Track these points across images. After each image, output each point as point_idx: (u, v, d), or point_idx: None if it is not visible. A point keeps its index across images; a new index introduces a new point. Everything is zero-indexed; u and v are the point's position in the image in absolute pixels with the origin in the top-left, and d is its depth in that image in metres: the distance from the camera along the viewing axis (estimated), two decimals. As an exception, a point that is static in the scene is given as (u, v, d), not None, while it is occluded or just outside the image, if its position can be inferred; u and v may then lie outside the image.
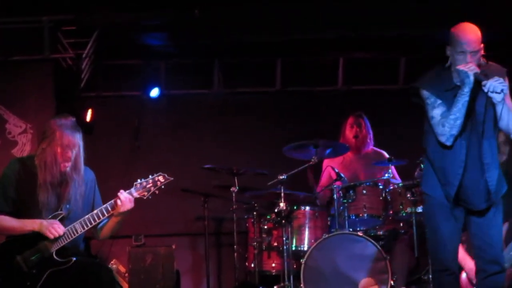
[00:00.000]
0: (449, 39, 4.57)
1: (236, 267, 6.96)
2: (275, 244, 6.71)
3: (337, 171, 6.70)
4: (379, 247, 6.17)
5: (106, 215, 4.75)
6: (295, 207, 6.68)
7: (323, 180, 7.17)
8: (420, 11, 7.34)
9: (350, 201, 6.57)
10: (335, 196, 6.55)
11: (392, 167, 6.76)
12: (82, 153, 4.81)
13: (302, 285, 6.15)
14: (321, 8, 7.40)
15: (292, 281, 6.39)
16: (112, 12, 7.34)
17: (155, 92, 8.19)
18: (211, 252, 7.88)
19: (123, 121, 8.30)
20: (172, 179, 4.91)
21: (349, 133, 7.29)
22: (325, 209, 6.83)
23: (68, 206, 4.76)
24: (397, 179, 6.89)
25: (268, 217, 6.78)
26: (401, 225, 6.73)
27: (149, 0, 7.25)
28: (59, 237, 4.65)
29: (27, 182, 4.74)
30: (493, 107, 4.51)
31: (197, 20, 7.26)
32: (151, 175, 4.91)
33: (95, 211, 4.75)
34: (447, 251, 4.65)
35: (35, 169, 4.75)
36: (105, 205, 4.78)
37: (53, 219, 4.70)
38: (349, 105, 7.89)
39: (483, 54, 4.57)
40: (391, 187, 6.61)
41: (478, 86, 4.45)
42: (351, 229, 6.48)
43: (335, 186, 6.60)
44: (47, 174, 4.71)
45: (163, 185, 4.89)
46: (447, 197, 4.60)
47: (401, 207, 6.50)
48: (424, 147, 4.77)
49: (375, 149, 7.35)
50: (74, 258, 4.67)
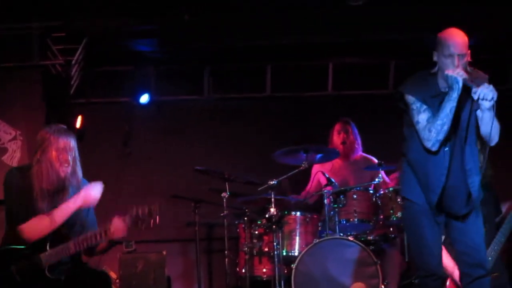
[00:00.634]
0: (436, 44, 4.57)
1: (227, 272, 6.94)
2: (266, 249, 6.71)
3: (327, 176, 6.70)
4: (370, 252, 6.17)
5: (99, 239, 4.65)
6: (286, 213, 6.67)
7: (313, 185, 7.17)
8: (409, 15, 7.36)
9: (340, 206, 6.57)
10: (326, 201, 6.56)
11: (382, 172, 6.78)
12: (78, 157, 4.76)
13: (293, 290, 6.16)
14: (310, 13, 7.41)
15: (283, 286, 6.37)
16: (101, 18, 7.34)
17: (145, 98, 8.18)
18: (202, 257, 7.87)
19: (113, 128, 8.29)
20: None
21: (337, 139, 7.28)
22: (315, 214, 6.84)
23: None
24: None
25: (259, 222, 6.77)
26: (392, 229, 6.73)
27: (138, 6, 7.24)
28: (54, 250, 4.60)
29: (26, 192, 4.66)
30: (475, 114, 4.51)
31: (187, 25, 7.27)
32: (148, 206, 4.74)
33: (89, 233, 4.65)
34: (433, 256, 4.65)
35: (32, 179, 4.66)
36: (99, 230, 4.67)
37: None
38: (339, 110, 7.91)
39: (469, 60, 4.56)
40: (382, 192, 6.62)
41: (463, 91, 4.44)
42: (341, 234, 6.48)
43: (326, 191, 6.61)
44: (44, 182, 4.65)
45: (157, 215, 4.73)
46: (429, 203, 4.60)
47: (391, 211, 6.52)
48: (403, 152, 4.76)
49: (364, 155, 7.34)
50: (63, 277, 4.62)
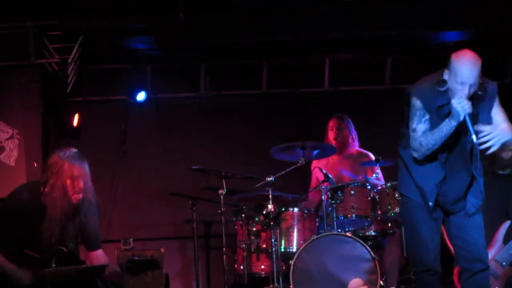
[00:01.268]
0: (449, 65, 4.47)
1: (225, 269, 6.93)
2: (264, 246, 6.70)
3: (324, 172, 6.70)
4: (368, 248, 6.16)
5: (96, 275, 4.71)
6: (283, 209, 6.66)
7: (313, 182, 7.19)
8: (405, 11, 7.36)
9: (338, 202, 6.56)
10: (323, 197, 6.56)
11: (378, 168, 6.78)
12: (90, 181, 4.73)
13: (291, 286, 6.13)
14: (306, 9, 7.41)
15: (281, 283, 6.36)
16: (97, 16, 7.33)
17: (141, 96, 8.18)
18: (200, 255, 7.86)
19: (110, 126, 8.29)
20: None
21: (330, 135, 7.26)
22: (313, 210, 6.84)
23: (71, 244, 4.76)
24: (381, 181, 6.89)
25: (256, 219, 6.77)
26: (390, 225, 6.73)
27: (134, 4, 7.24)
28: (38, 271, 4.60)
29: (32, 215, 4.61)
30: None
31: (182, 23, 7.26)
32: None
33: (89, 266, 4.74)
34: (429, 251, 4.66)
35: (41, 201, 4.62)
36: (98, 266, 4.76)
37: (53, 255, 4.67)
38: (336, 106, 7.90)
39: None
40: (379, 188, 6.61)
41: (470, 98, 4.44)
42: (339, 230, 6.47)
43: (323, 187, 6.61)
44: (57, 210, 4.60)
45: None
46: (426, 202, 4.62)
47: (389, 207, 6.51)
48: (400, 151, 4.76)
49: (360, 150, 7.30)
50: None
